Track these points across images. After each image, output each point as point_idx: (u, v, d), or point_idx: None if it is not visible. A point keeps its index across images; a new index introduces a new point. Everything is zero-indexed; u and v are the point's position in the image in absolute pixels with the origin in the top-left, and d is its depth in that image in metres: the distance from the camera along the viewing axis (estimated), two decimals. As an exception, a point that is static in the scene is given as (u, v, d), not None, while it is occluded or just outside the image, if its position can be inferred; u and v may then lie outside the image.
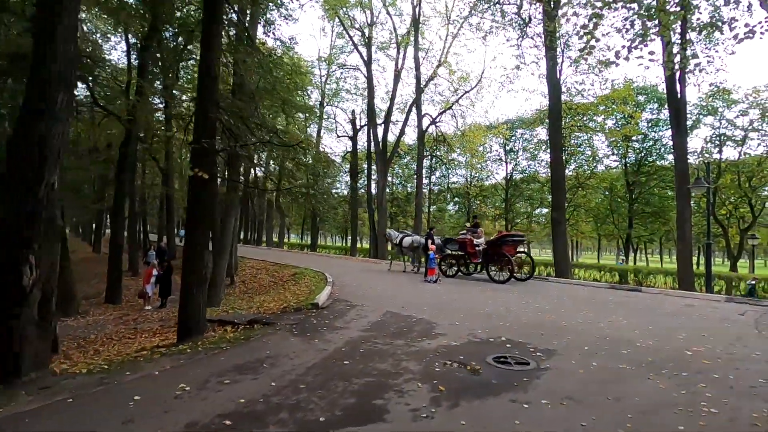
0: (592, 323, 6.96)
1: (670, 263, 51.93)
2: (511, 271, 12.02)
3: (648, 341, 5.79)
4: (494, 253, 12.45)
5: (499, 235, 12.98)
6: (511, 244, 12.54)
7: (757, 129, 20.10)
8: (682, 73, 13.50)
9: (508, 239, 12.58)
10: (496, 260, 12.45)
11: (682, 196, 13.27)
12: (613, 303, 9.26)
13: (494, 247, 12.51)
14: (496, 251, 12.37)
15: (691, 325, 6.97)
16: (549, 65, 16.00)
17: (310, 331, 6.26)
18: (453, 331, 6.34)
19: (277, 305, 9.13)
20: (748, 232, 20.32)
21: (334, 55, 31.09)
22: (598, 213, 27.41)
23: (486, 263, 12.79)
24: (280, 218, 35.84)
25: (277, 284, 13.16)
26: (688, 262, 12.99)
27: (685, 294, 11.10)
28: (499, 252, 12.23)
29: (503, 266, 12.28)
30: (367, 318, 7.32)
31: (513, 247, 12.62)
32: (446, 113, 24.28)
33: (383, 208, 24.48)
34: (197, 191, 5.66)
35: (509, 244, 12.45)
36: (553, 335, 6.09)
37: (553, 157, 16.05)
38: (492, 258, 12.57)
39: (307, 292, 10.33)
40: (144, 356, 4.84)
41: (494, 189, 30.83)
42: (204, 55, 5.79)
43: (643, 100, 23.63)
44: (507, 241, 12.46)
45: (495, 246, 12.48)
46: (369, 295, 9.90)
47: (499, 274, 12.34)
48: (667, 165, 23.65)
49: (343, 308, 8.28)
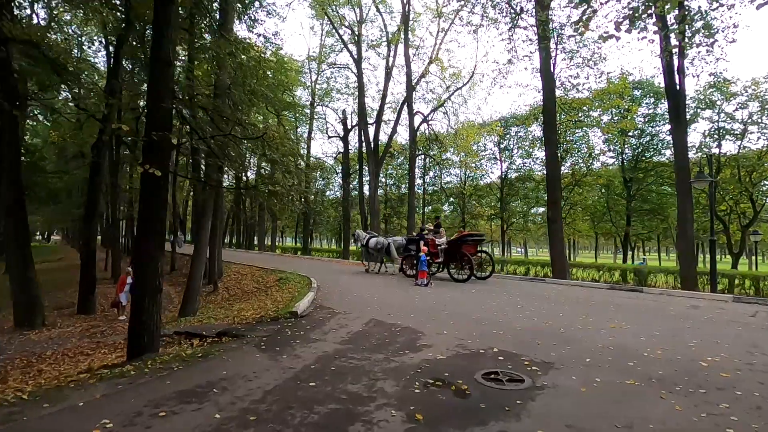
0: (593, 329, 6.36)
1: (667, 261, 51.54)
2: (471, 270, 12.30)
3: (656, 350, 5.19)
4: (455, 252, 12.69)
5: (459, 235, 13.30)
6: (471, 243, 12.89)
7: (757, 122, 19.61)
8: (681, 63, 13.00)
9: (467, 239, 12.91)
10: (457, 259, 12.68)
11: (683, 191, 12.72)
12: (614, 305, 8.68)
13: (455, 246, 12.75)
14: (457, 251, 12.62)
15: (700, 330, 6.39)
16: (542, 58, 15.44)
17: (280, 345, 5.63)
18: (440, 342, 5.73)
19: (255, 314, 8.48)
20: (750, 228, 19.81)
21: (325, 54, 30.52)
22: (595, 211, 26.85)
23: (447, 263, 13.07)
24: (272, 221, 35.11)
25: (260, 290, 12.51)
26: (691, 261, 12.43)
27: (688, 294, 10.54)
28: (460, 252, 12.47)
29: (463, 265, 12.53)
30: (347, 327, 6.69)
31: (473, 246, 12.98)
32: (438, 111, 23.75)
33: (375, 210, 23.87)
34: (149, 191, 5.02)
35: (469, 244, 12.80)
36: (551, 344, 5.49)
37: (547, 153, 15.48)
38: (453, 257, 12.83)
39: (289, 298, 9.70)
40: (80, 380, 4.19)
41: (489, 188, 30.25)
42: (156, 38, 5.17)
43: (639, 94, 23.13)
44: (467, 241, 12.79)
45: (455, 246, 12.72)
46: (355, 301, 9.28)
47: (460, 273, 12.58)
48: (665, 161, 23.18)
49: (324, 316, 7.65)
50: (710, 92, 20.67)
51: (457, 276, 12.59)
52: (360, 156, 26.78)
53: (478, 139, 23.73)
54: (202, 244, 11.07)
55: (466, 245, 12.62)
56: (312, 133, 33.66)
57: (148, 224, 5.08)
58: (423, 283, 11.54)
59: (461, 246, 12.55)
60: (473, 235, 13.65)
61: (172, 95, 5.19)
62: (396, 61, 25.01)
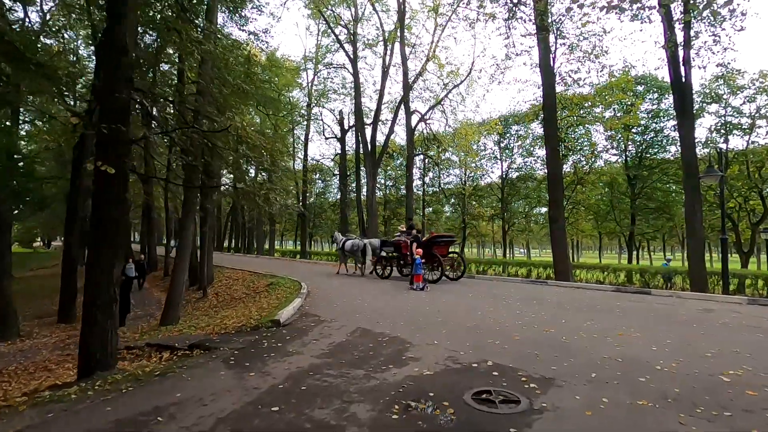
0: (599, 338, 5.79)
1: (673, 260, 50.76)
2: (441, 271, 12.44)
3: (670, 362, 4.63)
4: (426, 254, 12.54)
5: (430, 237, 13.41)
6: (442, 244, 13.05)
7: (766, 116, 18.91)
8: (687, 54, 12.43)
9: (438, 240, 13.03)
10: (428, 261, 12.64)
11: (691, 188, 12.12)
12: (621, 310, 8.10)
13: (426, 248, 12.63)
14: (428, 252, 12.54)
15: (716, 338, 5.81)
16: (541, 51, 14.87)
17: (252, 360, 5.10)
18: (429, 354, 5.18)
19: (237, 322, 7.96)
20: (760, 226, 19.09)
21: (321, 54, 30.09)
22: (598, 210, 26.16)
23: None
24: (270, 225, 34.64)
25: (249, 296, 11.99)
26: (700, 260, 11.81)
27: (699, 296, 9.94)
28: (430, 253, 12.47)
29: (434, 266, 12.64)
30: (330, 338, 6.15)
31: (444, 247, 13.13)
32: (436, 110, 23.23)
33: (373, 211, 23.32)
34: (100, 190, 4.52)
35: (440, 245, 12.95)
36: (552, 356, 4.93)
37: (548, 150, 14.89)
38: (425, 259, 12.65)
39: (276, 305, 9.16)
40: (13, 404, 3.67)
41: (489, 188, 29.63)
42: (109, 23, 4.69)
43: (642, 89, 22.51)
44: (438, 242, 12.92)
45: (426, 247, 12.64)
46: (344, 307, 8.75)
47: (431, 274, 12.64)
48: (669, 158, 22.54)
49: (308, 325, 7.12)
50: (716, 86, 20.02)
51: (428, 277, 12.58)
52: (357, 157, 26.25)
53: (478, 138, 23.15)
54: (185, 247, 10.54)
55: (437, 246, 12.77)
56: (310, 135, 33.20)
57: (100, 227, 4.57)
58: (419, 288, 10.99)
59: (432, 247, 12.63)
60: (444, 236, 13.84)
61: (128, 85, 4.69)
62: (393, 60, 24.54)
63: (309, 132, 32.04)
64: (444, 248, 13.06)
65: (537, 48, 15.56)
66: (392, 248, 13.91)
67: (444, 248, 13.06)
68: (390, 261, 14.00)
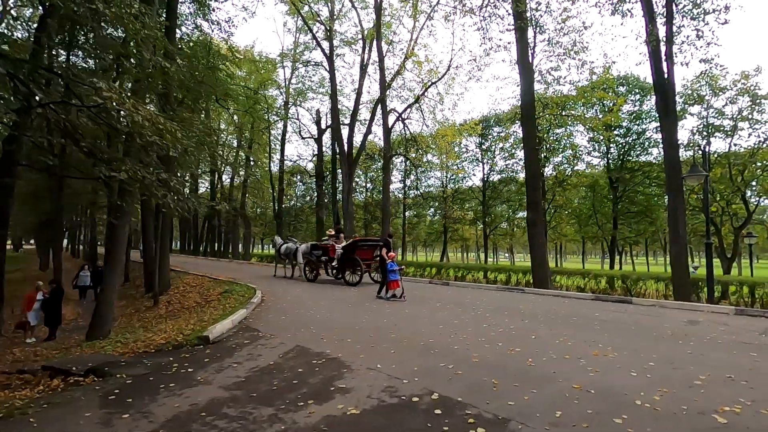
0: (571, 360, 4.93)
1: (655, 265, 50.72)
2: (361, 274, 12.54)
3: (652, 394, 3.78)
4: (349, 257, 12.89)
5: (352, 240, 13.65)
6: (366, 248, 13.21)
7: (747, 118, 18.57)
8: (669, 49, 11.82)
9: (361, 244, 13.26)
10: (349, 265, 12.90)
11: (674, 189, 11.47)
12: (600, 322, 7.28)
13: (349, 252, 12.94)
14: (350, 256, 12.84)
15: (705, 357, 5.01)
16: (519, 45, 14.15)
17: (141, 393, 4.10)
18: (366, 382, 4.26)
19: (167, 338, 6.91)
20: (743, 230, 18.67)
21: (299, 52, 29.10)
22: (580, 213, 25.62)
23: (342, 267, 13.30)
24: (245, 228, 33.37)
25: (199, 305, 10.92)
26: (684, 266, 11.15)
27: (684, 305, 9.21)
28: (353, 256, 12.70)
29: (355, 269, 12.75)
30: (256, 360, 5.19)
31: (369, 251, 13.24)
32: (415, 110, 22.42)
33: (349, 214, 22.35)
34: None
35: (364, 249, 13.12)
36: (511, 386, 4.05)
37: (526, 150, 14.16)
38: (348, 262, 13.06)
39: (219, 316, 8.12)
40: None
41: (471, 191, 28.91)
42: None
43: (624, 90, 22.06)
44: (361, 246, 13.13)
45: (349, 251, 12.92)
46: (293, 319, 7.78)
47: (352, 277, 12.81)
48: (652, 160, 22.11)
49: (240, 343, 6.14)
50: (698, 86, 19.64)
51: (350, 279, 12.90)
52: (333, 157, 25.28)
53: (458, 138, 22.41)
54: (116, 252, 9.36)
55: (361, 250, 12.96)
56: (287, 135, 32.15)
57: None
58: (388, 296, 10.00)
59: (355, 251, 12.83)
60: (367, 240, 14.34)
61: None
62: (371, 58, 23.67)
63: (286, 131, 31.00)
64: (369, 252, 13.23)
65: (516, 44, 14.86)
66: (321, 252, 14.28)
67: (369, 252, 13.23)
68: (318, 264, 14.38)
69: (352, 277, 12.82)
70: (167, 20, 14.38)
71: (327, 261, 14.00)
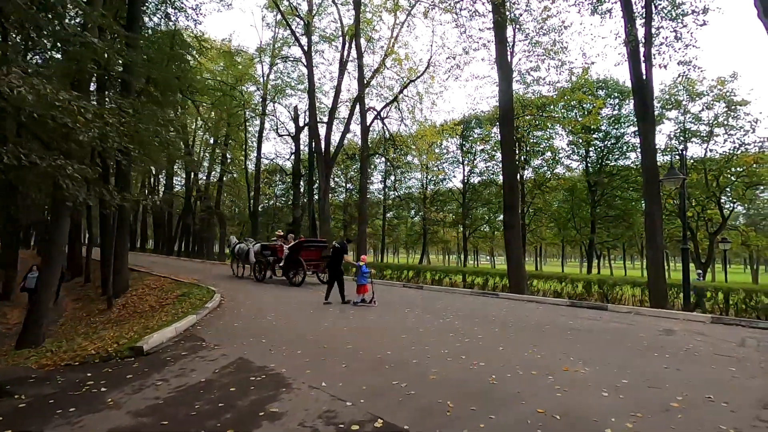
0: (538, 376, 4.46)
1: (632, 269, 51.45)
2: (303, 275, 12.86)
3: (624, 420, 3.34)
4: (293, 258, 13.11)
5: (297, 241, 13.88)
6: (312, 249, 13.64)
7: (723, 124, 18.64)
8: (648, 51, 11.61)
9: (306, 245, 13.57)
10: (292, 265, 13.14)
11: (651, 193, 11.25)
12: (573, 331, 6.87)
13: (294, 252, 13.17)
14: (294, 257, 13.08)
15: (683, 374, 4.60)
16: (497, 41, 13.77)
17: (25, 421, 3.45)
18: (303, 405, 3.70)
19: (97, 348, 6.20)
20: (718, 236, 18.74)
21: (278, 47, 28.28)
22: (559, 217, 25.51)
23: (287, 267, 13.47)
24: (220, 227, 32.28)
25: (153, 309, 10.16)
26: (660, 272, 10.92)
27: (659, 313, 8.91)
28: (297, 257, 12.96)
29: (298, 270, 13.00)
30: (187, 377, 4.57)
31: (315, 252, 13.70)
32: (394, 110, 21.94)
33: (326, 215, 21.67)
34: None
35: (309, 250, 13.51)
36: (467, 410, 3.55)
37: (504, 150, 13.80)
38: (292, 262, 13.25)
39: (168, 321, 7.42)
40: None
41: (451, 193, 28.54)
42: None
43: (603, 94, 22.00)
44: (306, 247, 13.48)
45: (294, 252, 13.17)
46: (246, 326, 7.15)
47: (296, 277, 13.08)
48: (630, 164, 22.12)
49: (177, 355, 5.49)
50: (676, 91, 19.68)
51: (293, 280, 13.12)
52: (310, 156, 24.58)
53: (438, 138, 22.00)
54: (53, 249, 8.50)
55: (306, 251, 13.30)
56: (265, 133, 31.20)
57: None
58: (357, 301, 9.41)
59: (300, 252, 13.10)
60: (313, 241, 14.69)
61: None
62: (351, 55, 23.03)
63: (263, 129, 30.05)
64: (314, 253, 13.59)
65: (495, 43, 14.50)
66: (270, 252, 14.47)
67: (314, 253, 13.59)
68: (266, 264, 14.59)
69: (296, 278, 13.06)
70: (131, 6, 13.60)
71: (275, 261, 14.26)
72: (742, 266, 51.36)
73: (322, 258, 13.82)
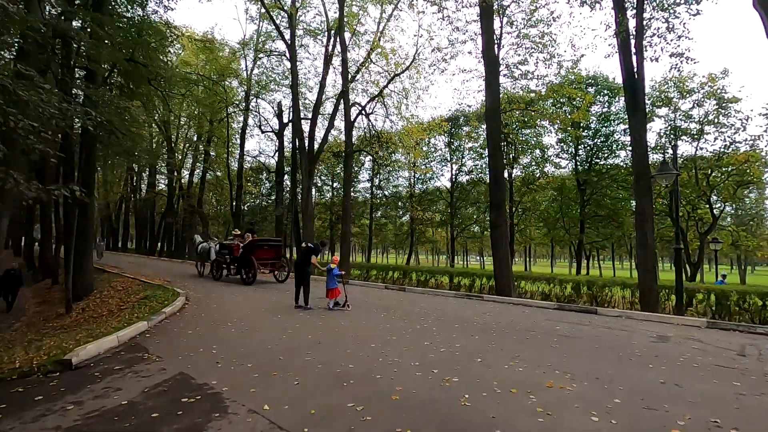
0: (518, 395, 3.86)
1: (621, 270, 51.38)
2: (254, 274, 13.01)
3: (619, 456, 2.73)
4: (245, 256, 13.27)
5: (250, 240, 13.84)
6: (266, 248, 13.87)
7: (714, 122, 18.26)
8: (639, 43, 11.11)
9: (260, 244, 13.79)
10: (246, 264, 13.23)
11: (643, 190, 10.75)
12: (560, 338, 6.30)
13: (247, 251, 13.33)
14: (247, 255, 13.24)
15: (681, 391, 4.03)
16: (484, 32, 13.19)
17: None
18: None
19: (23, 361, 5.46)
20: (709, 236, 18.39)
21: (262, 41, 27.44)
22: (548, 216, 25.05)
23: (240, 266, 13.63)
24: (203, 227, 31.28)
25: (111, 314, 9.39)
26: (651, 273, 10.42)
27: (651, 317, 8.40)
28: (248, 257, 13.15)
29: (249, 269, 13.13)
30: (109, 398, 3.89)
31: (270, 251, 13.92)
32: (380, 106, 21.32)
33: (309, 213, 20.92)
34: None
35: (264, 249, 13.75)
36: (430, 443, 2.92)
37: (490, 145, 13.22)
38: (243, 261, 13.39)
39: (115, 328, 6.68)
40: None
41: (439, 192, 27.95)
42: None
43: (593, 91, 21.56)
44: (260, 246, 13.71)
45: (247, 251, 13.33)
46: (200, 334, 6.45)
47: (247, 276, 13.17)
48: (619, 163, 21.73)
49: (108, 369, 4.80)
50: (666, 88, 19.28)
51: (246, 278, 13.20)
52: (293, 153, 23.80)
53: (425, 136, 21.40)
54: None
55: (260, 250, 13.51)
56: (248, 129, 30.29)
57: None
58: (331, 306, 8.76)
59: (254, 251, 13.25)
60: (267, 240, 14.84)
61: None
62: (336, 49, 22.30)
63: (247, 125, 29.15)
64: (269, 252, 13.80)
65: (481, 35, 13.94)
66: (227, 251, 14.50)
67: (269, 252, 13.80)
68: (222, 263, 14.65)
69: (247, 276, 13.13)
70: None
71: (231, 260, 14.29)
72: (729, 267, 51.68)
73: (279, 257, 14.24)
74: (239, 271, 13.66)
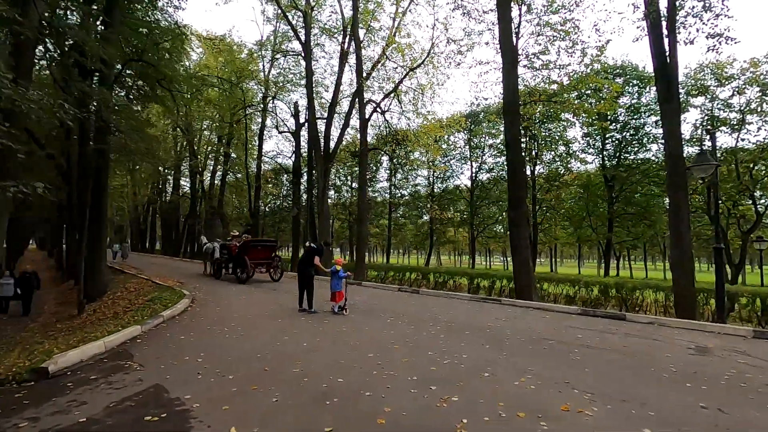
0: (526, 420, 3.29)
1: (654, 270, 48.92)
2: (247, 274, 13.36)
3: None
4: (240, 256, 13.59)
5: (244, 241, 14.10)
6: (260, 249, 14.15)
7: (757, 110, 16.79)
8: (671, 23, 10.19)
9: (253, 245, 14.04)
10: (240, 264, 13.62)
11: (677, 185, 9.84)
12: (581, 349, 5.64)
13: (241, 252, 13.63)
14: (241, 255, 13.53)
15: (729, 419, 3.36)
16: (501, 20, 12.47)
17: None
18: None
19: (11, 365, 5.26)
20: (752, 234, 16.90)
21: (279, 42, 27.43)
22: (573, 215, 23.82)
23: (235, 266, 14.13)
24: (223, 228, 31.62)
25: (116, 316, 9.29)
26: (688, 275, 9.50)
27: (687, 324, 7.56)
28: (242, 257, 13.44)
29: (243, 269, 13.49)
30: (70, 413, 3.56)
31: (264, 251, 14.20)
32: (395, 101, 20.80)
33: (325, 213, 20.65)
34: None
35: (258, 249, 14.02)
36: (411, 486, 2.40)
37: (509, 138, 12.44)
38: (238, 261, 13.82)
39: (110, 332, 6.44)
40: None
41: (458, 191, 27.12)
42: None
43: (621, 81, 20.29)
44: (254, 246, 13.95)
45: (242, 251, 13.63)
46: (193, 340, 6.13)
47: (242, 275, 13.55)
48: (650, 157, 20.40)
49: (82, 379, 4.49)
50: (702, 76, 17.88)
51: (240, 277, 13.59)
52: (310, 153, 23.58)
53: (442, 133, 20.71)
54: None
55: (254, 250, 13.77)
56: (266, 130, 30.33)
57: None
58: (336, 310, 8.30)
59: (248, 251, 13.52)
60: (262, 241, 15.44)
61: None
62: (352, 47, 22.04)
63: (264, 126, 29.18)
64: (263, 252, 14.07)
65: (497, 23, 13.23)
66: (226, 252, 14.92)
67: (263, 252, 14.07)
68: (222, 263, 15.10)
69: (242, 275, 13.52)
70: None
71: (228, 259, 14.80)
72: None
73: (273, 257, 14.51)
74: (234, 270, 14.24)
